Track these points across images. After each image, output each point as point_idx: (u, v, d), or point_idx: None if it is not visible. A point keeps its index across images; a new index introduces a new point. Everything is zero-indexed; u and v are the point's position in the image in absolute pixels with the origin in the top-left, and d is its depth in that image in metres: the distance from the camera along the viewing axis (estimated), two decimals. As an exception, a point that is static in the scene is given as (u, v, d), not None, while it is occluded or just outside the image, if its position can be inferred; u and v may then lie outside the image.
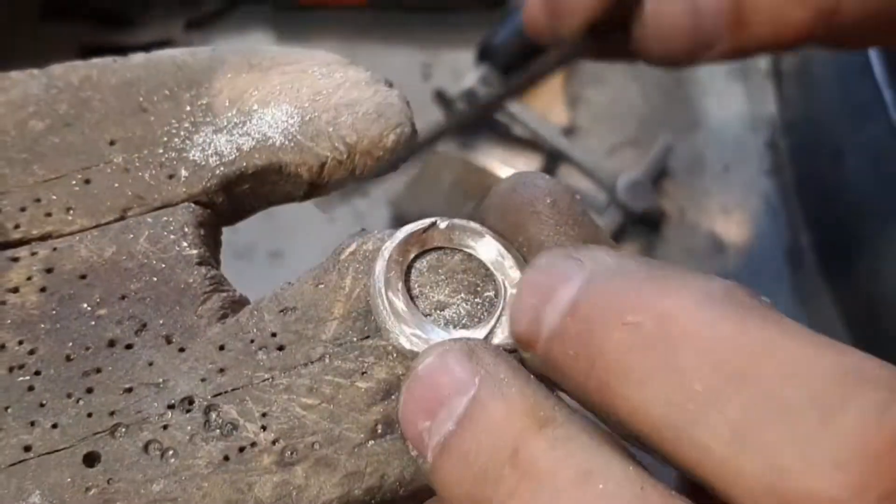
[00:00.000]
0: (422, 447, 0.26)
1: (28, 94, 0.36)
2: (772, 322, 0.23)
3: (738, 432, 0.22)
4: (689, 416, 0.22)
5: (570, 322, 0.25)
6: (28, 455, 0.30)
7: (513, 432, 0.24)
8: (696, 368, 0.22)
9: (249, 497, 0.29)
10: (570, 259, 0.26)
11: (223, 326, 0.32)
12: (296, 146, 0.36)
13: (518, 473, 0.23)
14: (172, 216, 0.34)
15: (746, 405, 0.22)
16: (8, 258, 0.33)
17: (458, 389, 0.25)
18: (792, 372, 0.22)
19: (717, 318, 0.23)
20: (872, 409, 0.21)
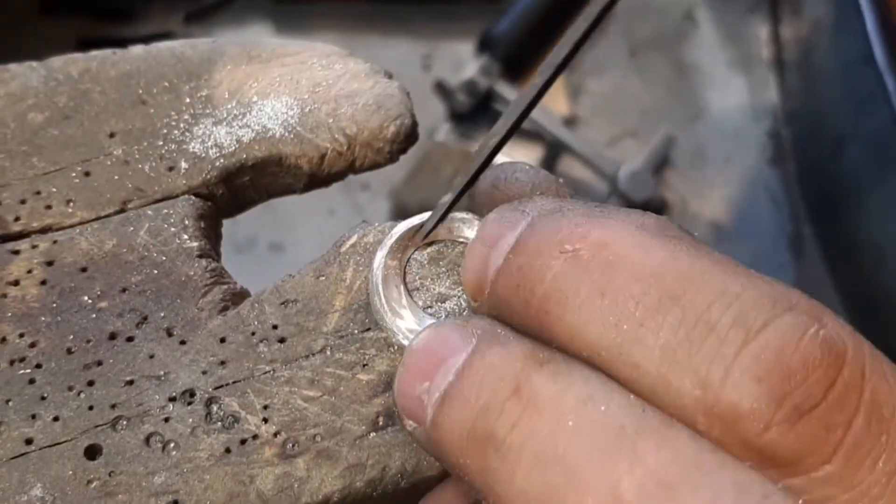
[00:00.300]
0: (420, 410, 0.26)
1: (27, 86, 0.36)
2: (703, 252, 0.25)
3: (668, 351, 0.23)
4: (623, 336, 0.24)
5: (512, 258, 0.26)
6: (30, 448, 0.30)
7: (513, 371, 0.24)
8: (629, 291, 0.24)
9: (251, 489, 0.29)
10: (516, 210, 0.27)
11: (224, 319, 0.32)
12: (296, 138, 0.36)
13: (521, 405, 0.24)
14: (173, 208, 0.34)
15: (676, 326, 0.23)
16: (8, 251, 0.33)
17: (456, 348, 0.26)
18: (720, 296, 0.23)
19: (651, 246, 0.24)
20: (792, 330, 0.23)
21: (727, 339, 0.23)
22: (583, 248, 0.24)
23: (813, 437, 0.23)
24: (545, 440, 0.23)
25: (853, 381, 0.23)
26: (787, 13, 0.96)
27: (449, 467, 0.26)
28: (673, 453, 0.22)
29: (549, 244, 0.25)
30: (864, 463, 0.23)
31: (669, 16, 1.00)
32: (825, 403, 0.23)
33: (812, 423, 0.23)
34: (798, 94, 0.92)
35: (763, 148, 0.93)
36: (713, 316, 0.23)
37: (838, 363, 0.23)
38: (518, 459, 0.23)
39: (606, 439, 0.23)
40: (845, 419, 0.23)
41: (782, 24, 0.97)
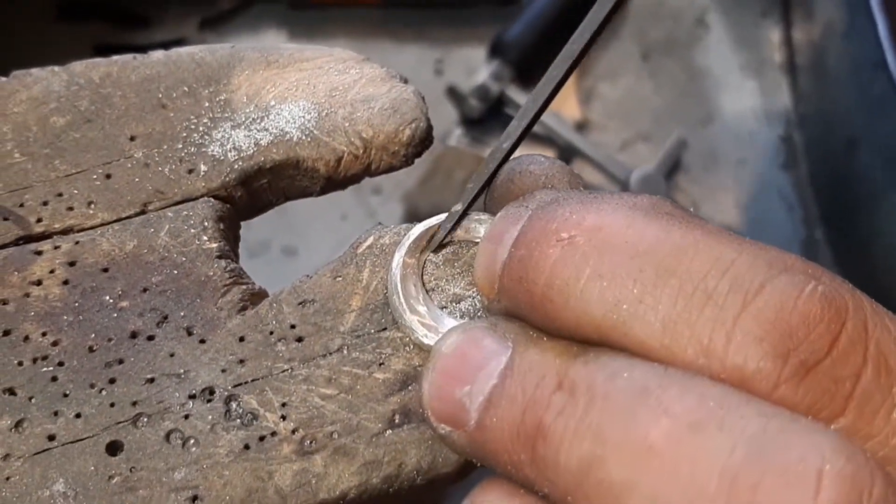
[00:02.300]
0: (461, 414, 0.26)
1: (49, 90, 0.37)
2: (695, 224, 0.25)
3: (668, 323, 0.24)
4: (624, 314, 0.24)
5: (514, 250, 0.27)
6: (52, 444, 0.30)
7: (554, 367, 0.25)
8: (627, 270, 0.24)
9: (269, 485, 0.30)
10: (520, 206, 0.28)
11: (243, 318, 0.32)
12: (313, 141, 0.36)
13: (566, 395, 0.24)
14: (192, 210, 0.35)
15: (674, 297, 0.24)
16: (31, 252, 0.34)
17: (494, 352, 0.26)
18: (715, 264, 0.24)
19: (644, 224, 0.25)
20: (789, 288, 0.23)
21: (725, 305, 0.23)
22: (578, 235, 0.25)
23: (822, 391, 0.23)
24: (582, 418, 0.24)
25: (857, 334, 0.23)
26: (800, 17, 0.96)
27: (497, 465, 0.26)
28: (697, 397, 0.23)
29: (546, 234, 0.26)
30: (879, 413, 0.23)
31: (682, 20, 1.00)
32: (830, 357, 0.23)
33: (819, 377, 0.23)
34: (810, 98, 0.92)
35: (775, 152, 0.93)
36: (710, 284, 0.23)
37: (840, 317, 0.23)
38: (562, 442, 0.24)
39: (633, 399, 0.23)
40: (853, 372, 0.23)
41: (794, 28, 0.97)
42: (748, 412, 0.22)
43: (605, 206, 0.26)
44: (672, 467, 0.22)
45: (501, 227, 0.28)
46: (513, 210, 0.28)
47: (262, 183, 0.37)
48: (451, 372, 0.27)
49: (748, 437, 0.22)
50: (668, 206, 0.26)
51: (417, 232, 0.33)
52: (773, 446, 0.22)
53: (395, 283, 0.32)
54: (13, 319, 0.32)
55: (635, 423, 0.23)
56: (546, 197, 0.28)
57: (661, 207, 0.26)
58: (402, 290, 0.32)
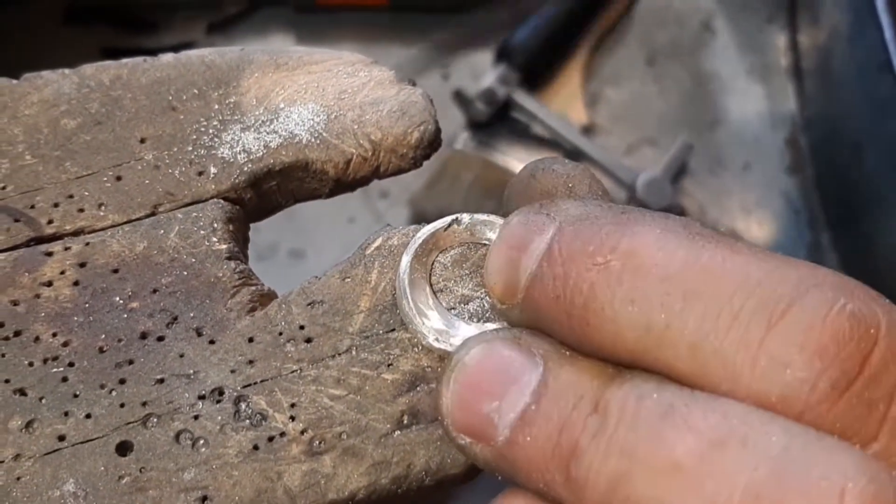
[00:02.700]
0: (488, 429, 0.26)
1: (60, 93, 0.37)
2: (724, 244, 0.25)
3: (694, 347, 0.23)
4: (653, 340, 0.24)
5: (547, 267, 0.26)
6: (62, 444, 0.30)
7: (591, 389, 0.25)
8: (656, 294, 0.24)
9: (279, 485, 0.30)
10: (541, 213, 0.28)
11: (252, 319, 0.33)
12: (322, 143, 0.36)
13: (601, 418, 0.24)
14: (202, 212, 0.35)
15: (700, 320, 0.23)
16: (42, 253, 0.34)
17: (524, 368, 0.26)
18: (742, 285, 0.23)
19: (674, 247, 0.25)
20: (817, 307, 0.23)
21: (750, 327, 0.23)
22: (613, 259, 0.25)
23: (855, 416, 0.22)
24: (612, 438, 0.24)
25: (890, 352, 0.22)
26: (805, 22, 0.96)
27: (526, 482, 0.26)
28: (721, 415, 0.23)
29: (583, 256, 0.26)
30: None
31: (687, 25, 1.00)
32: (862, 378, 0.22)
33: (852, 400, 0.22)
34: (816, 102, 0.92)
35: (781, 155, 0.93)
36: (735, 305, 0.23)
37: (871, 335, 0.22)
38: (593, 463, 0.24)
39: (659, 418, 0.23)
40: (887, 393, 0.22)
41: (800, 32, 0.97)
42: (772, 430, 0.22)
43: (638, 229, 0.25)
44: (696, 484, 0.22)
45: (523, 233, 0.27)
46: (534, 217, 0.28)
47: (272, 185, 0.37)
48: (477, 386, 0.27)
49: (772, 455, 0.22)
50: (698, 227, 0.26)
51: (424, 235, 0.33)
52: (796, 465, 0.22)
53: (403, 288, 0.32)
54: (24, 320, 0.32)
55: (661, 440, 0.23)
56: (573, 210, 0.27)
57: (690, 228, 0.26)
58: (410, 294, 0.32)
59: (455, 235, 0.33)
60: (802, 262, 0.24)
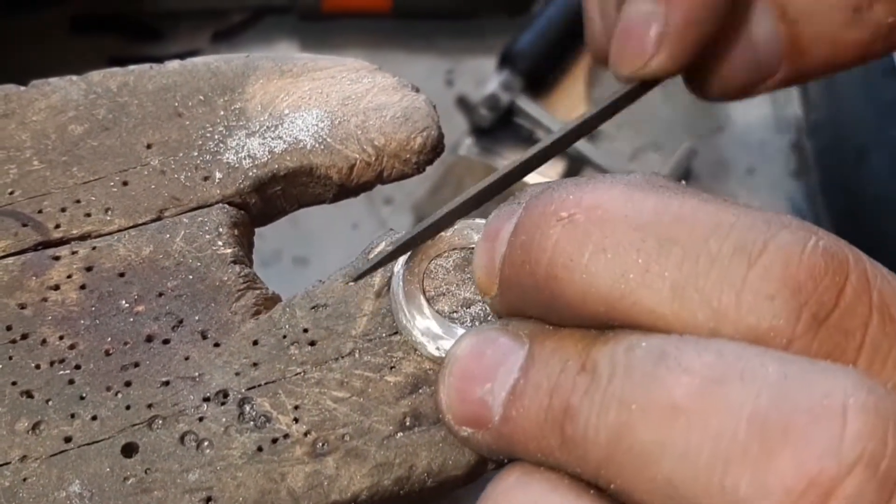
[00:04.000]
0: (483, 412, 0.27)
1: (68, 99, 0.38)
2: (691, 195, 0.26)
3: (676, 289, 0.24)
4: (631, 285, 0.24)
5: (514, 238, 0.27)
6: (68, 446, 0.31)
7: (575, 351, 0.25)
8: (630, 242, 0.25)
9: (282, 487, 0.30)
10: (512, 203, 0.29)
11: (257, 322, 0.33)
12: (326, 149, 0.37)
13: (590, 375, 0.25)
14: (207, 216, 0.35)
15: (679, 264, 0.24)
16: (49, 257, 0.34)
17: (511, 348, 0.27)
18: (715, 229, 0.24)
19: (641, 198, 0.25)
20: (792, 245, 0.24)
21: (731, 266, 0.24)
22: (577, 213, 0.26)
23: (834, 344, 0.23)
24: (608, 391, 0.24)
25: (861, 285, 0.24)
26: (809, 27, 0.96)
27: (526, 455, 0.26)
28: (714, 353, 0.23)
29: (545, 216, 0.26)
30: (887, 362, 0.23)
31: (691, 31, 1.00)
32: (839, 310, 0.23)
33: (831, 329, 0.23)
34: (821, 106, 0.92)
35: (786, 160, 0.93)
36: (712, 248, 0.24)
37: (843, 269, 0.24)
38: (589, 418, 0.24)
39: (653, 365, 0.23)
40: (861, 322, 0.23)
41: (804, 38, 0.97)
42: (767, 361, 0.23)
43: (601, 185, 0.26)
44: (699, 421, 0.22)
45: (497, 224, 0.28)
46: (506, 208, 0.29)
47: (276, 190, 0.37)
48: (469, 373, 0.27)
49: (770, 382, 0.22)
50: (662, 180, 0.27)
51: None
52: (797, 388, 0.22)
53: (398, 299, 0.32)
54: (31, 323, 0.33)
55: (657, 385, 0.23)
56: (537, 188, 0.28)
57: (654, 182, 0.27)
58: (405, 305, 0.32)
59: (444, 241, 0.34)
60: (765, 210, 0.25)
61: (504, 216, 0.28)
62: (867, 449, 0.21)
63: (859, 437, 0.21)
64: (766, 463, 0.21)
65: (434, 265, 0.34)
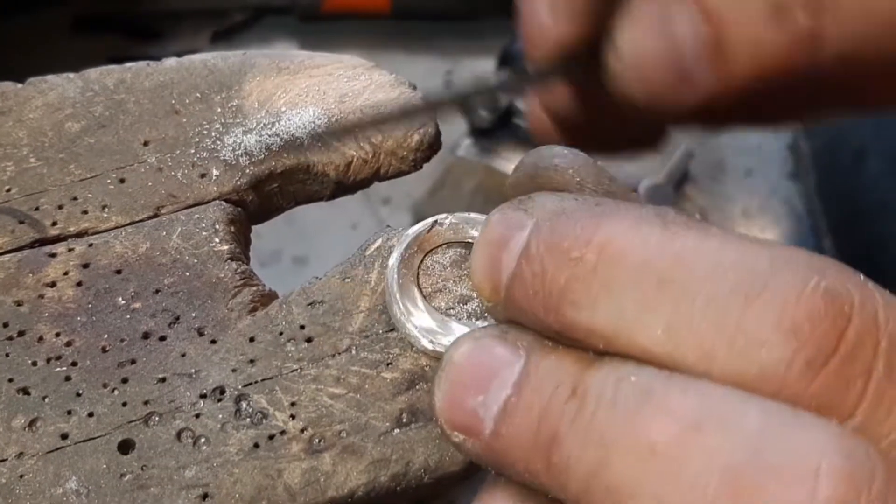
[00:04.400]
0: (475, 423, 0.26)
1: (65, 96, 0.38)
2: (695, 230, 0.25)
3: (670, 331, 0.24)
4: (628, 325, 0.24)
5: (526, 265, 0.27)
6: (65, 442, 0.31)
7: (569, 375, 0.25)
8: (630, 282, 0.25)
9: (279, 483, 0.30)
10: (519, 210, 0.28)
11: (253, 319, 0.33)
12: (323, 146, 0.37)
13: (579, 402, 0.24)
14: (204, 213, 0.35)
15: (675, 304, 0.24)
16: (46, 254, 0.34)
17: (507, 360, 0.27)
18: (715, 268, 0.24)
19: (647, 235, 0.25)
20: (791, 287, 0.23)
21: (726, 309, 0.23)
22: (588, 253, 0.25)
23: (832, 393, 0.22)
24: (590, 423, 0.24)
25: (866, 329, 0.23)
26: (807, 29, 0.96)
27: (513, 473, 0.26)
28: (698, 397, 0.23)
29: (559, 252, 0.26)
30: (892, 412, 0.22)
31: (689, 32, 1.01)
32: (838, 355, 0.22)
33: (828, 377, 0.22)
34: (818, 109, 0.92)
35: (783, 162, 0.93)
36: (710, 288, 0.23)
37: (845, 313, 0.23)
38: (572, 448, 0.24)
39: (636, 401, 0.23)
40: (863, 369, 0.22)
41: (802, 39, 0.97)
42: (749, 410, 0.22)
43: (612, 221, 0.26)
44: (674, 468, 0.22)
45: (502, 231, 0.28)
46: (511, 214, 0.28)
47: (273, 187, 0.37)
48: (463, 381, 0.27)
49: (747, 434, 0.22)
50: (672, 214, 0.27)
51: (408, 239, 0.34)
52: (772, 444, 0.22)
53: (392, 293, 0.32)
54: (28, 320, 0.33)
55: (638, 425, 0.23)
56: (549, 204, 0.28)
57: (664, 216, 0.26)
58: (400, 299, 0.32)
59: (438, 236, 0.34)
60: (774, 243, 0.25)
61: (510, 224, 0.28)
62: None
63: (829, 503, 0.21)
64: None
65: (431, 261, 0.34)
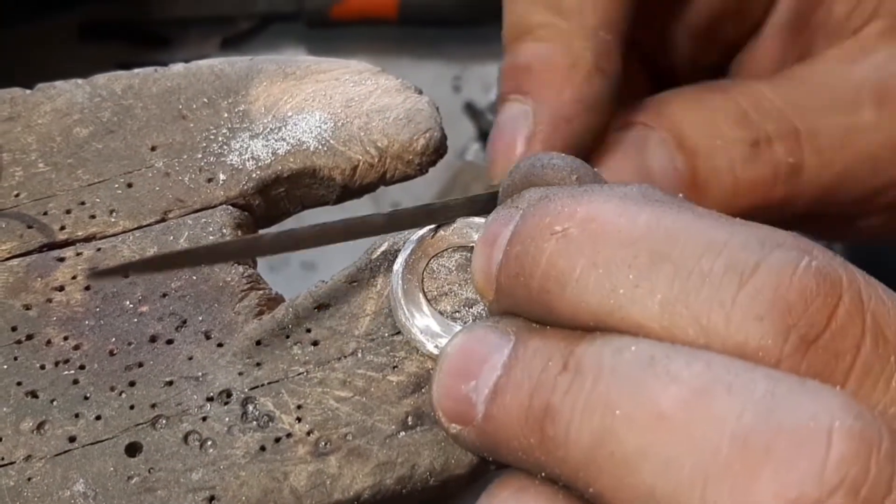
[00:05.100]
0: (468, 409, 0.27)
1: (73, 102, 0.38)
2: (686, 209, 0.26)
3: (666, 306, 0.24)
4: (621, 300, 0.25)
5: (509, 248, 0.27)
6: (73, 445, 0.31)
7: (558, 350, 0.25)
8: (621, 257, 0.25)
9: (285, 486, 0.30)
10: (510, 207, 0.29)
11: (260, 323, 0.33)
12: (329, 150, 0.37)
13: (572, 374, 0.25)
14: (211, 218, 0.35)
15: (671, 280, 0.24)
16: (54, 258, 0.35)
17: (497, 345, 0.27)
18: (709, 246, 0.24)
19: (635, 212, 0.25)
20: (784, 265, 0.24)
21: (722, 285, 0.24)
22: (571, 227, 0.26)
23: (823, 365, 0.23)
24: (591, 393, 0.24)
25: (853, 306, 0.24)
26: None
27: (507, 454, 0.26)
28: (703, 364, 0.23)
29: (540, 228, 0.26)
30: (878, 385, 0.23)
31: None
32: (829, 331, 0.23)
33: (820, 351, 0.23)
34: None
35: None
36: (704, 266, 0.24)
37: (836, 291, 0.24)
38: (571, 420, 0.24)
39: (641, 370, 0.23)
40: (852, 344, 0.23)
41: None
42: (755, 376, 0.23)
43: (596, 198, 0.26)
44: (684, 432, 0.22)
45: (494, 229, 0.28)
46: (503, 212, 0.29)
47: (280, 191, 0.37)
48: (456, 369, 0.27)
49: (757, 399, 0.22)
50: (658, 193, 0.27)
51: (412, 244, 0.34)
52: (783, 407, 0.22)
53: (397, 297, 0.32)
54: (36, 324, 0.33)
55: (645, 391, 0.23)
56: (535, 195, 0.28)
57: (650, 195, 0.27)
58: (404, 303, 0.32)
59: (442, 241, 0.34)
60: (761, 225, 0.25)
61: (502, 220, 0.28)
62: (849, 475, 0.21)
63: (842, 462, 0.21)
64: (747, 482, 0.22)
65: (437, 265, 0.34)
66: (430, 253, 0.34)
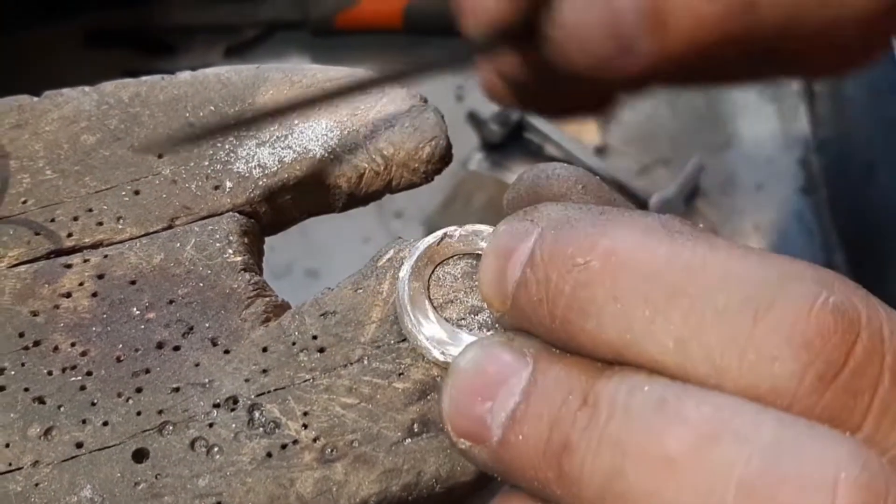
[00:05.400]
0: (482, 430, 0.26)
1: (80, 109, 0.38)
2: (703, 241, 0.25)
3: (680, 342, 0.24)
4: (637, 335, 0.24)
5: (530, 272, 0.27)
6: (80, 451, 0.31)
7: (579, 384, 0.25)
8: (638, 292, 0.25)
9: (291, 492, 0.30)
10: (525, 220, 0.28)
11: (266, 329, 0.33)
12: (335, 158, 0.37)
13: (590, 411, 0.24)
14: (218, 225, 0.36)
15: (685, 316, 0.24)
16: (61, 265, 0.35)
17: (514, 367, 0.27)
18: (724, 280, 0.24)
19: (654, 245, 0.25)
20: (801, 301, 0.23)
21: (736, 322, 0.23)
22: (593, 260, 0.25)
23: (841, 405, 0.23)
24: (604, 432, 0.24)
25: (873, 344, 0.23)
26: (818, 43, 0.96)
27: (521, 482, 0.26)
28: (713, 408, 0.23)
29: (563, 259, 0.26)
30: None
31: (700, 47, 1.01)
32: (847, 370, 0.23)
33: (838, 390, 0.23)
34: (828, 123, 0.92)
35: (794, 176, 0.93)
36: (719, 301, 0.23)
37: (854, 328, 0.23)
38: (585, 457, 0.24)
39: (650, 411, 0.23)
40: (870, 383, 0.23)
41: (813, 54, 0.97)
42: (764, 421, 0.22)
43: (617, 230, 0.26)
44: (690, 478, 0.22)
45: (508, 241, 0.28)
46: (518, 225, 0.28)
47: (286, 199, 0.37)
48: (470, 388, 0.27)
49: (763, 446, 0.22)
50: (678, 224, 0.27)
51: (418, 251, 0.34)
52: (789, 455, 0.22)
53: (403, 304, 0.33)
54: (43, 330, 0.33)
55: (653, 433, 0.23)
56: (554, 213, 0.28)
57: (671, 226, 0.26)
58: (411, 310, 0.32)
59: (448, 248, 0.34)
60: (780, 256, 0.25)
61: (517, 235, 0.28)
62: None
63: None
64: None
65: (442, 272, 0.34)
66: (435, 260, 0.34)
